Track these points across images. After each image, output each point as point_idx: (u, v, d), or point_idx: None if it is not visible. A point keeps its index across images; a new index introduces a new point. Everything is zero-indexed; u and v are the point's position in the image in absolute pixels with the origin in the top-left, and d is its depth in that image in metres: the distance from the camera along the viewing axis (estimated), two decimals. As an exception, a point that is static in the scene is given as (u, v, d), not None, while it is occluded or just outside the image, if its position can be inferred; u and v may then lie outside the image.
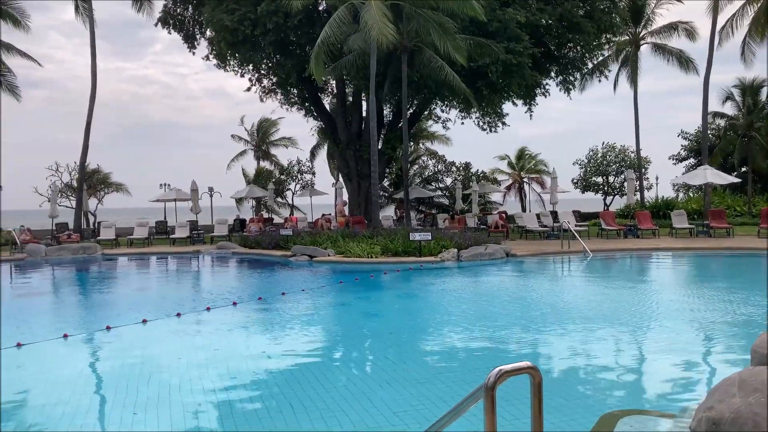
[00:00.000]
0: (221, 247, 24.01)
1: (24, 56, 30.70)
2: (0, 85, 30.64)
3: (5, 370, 7.73)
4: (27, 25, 29.75)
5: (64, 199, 35.64)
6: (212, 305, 11.91)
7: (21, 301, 14.53)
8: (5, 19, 29.24)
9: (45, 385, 7.18)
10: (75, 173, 34.88)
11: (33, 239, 25.63)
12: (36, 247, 23.17)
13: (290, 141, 49.42)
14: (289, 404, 6.07)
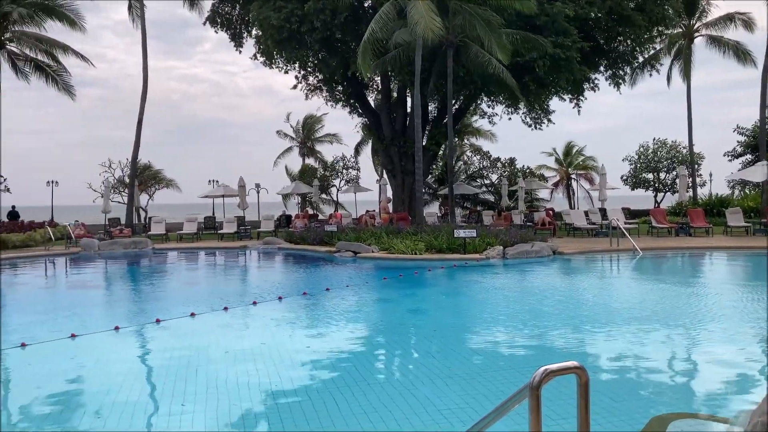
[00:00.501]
0: (267, 242, 24.35)
1: (78, 56, 31.68)
2: (56, 84, 31.73)
3: (61, 360, 8.00)
4: (83, 26, 30.71)
5: (117, 195, 36.80)
6: (258, 300, 12.07)
7: (75, 293, 15.01)
8: (62, 21, 30.23)
9: (97, 375, 7.39)
10: (127, 170, 35.92)
11: (87, 234, 26.46)
12: (90, 242, 23.91)
13: (335, 137, 49.77)
14: (332, 399, 6.10)
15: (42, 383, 6.99)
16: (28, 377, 7.40)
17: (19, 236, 25.23)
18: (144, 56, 30.82)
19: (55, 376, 7.28)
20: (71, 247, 24.14)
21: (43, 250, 23.68)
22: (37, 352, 8.31)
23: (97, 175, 36.14)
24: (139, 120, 30.83)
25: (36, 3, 29.90)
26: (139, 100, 30.66)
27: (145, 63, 30.80)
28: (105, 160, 37.41)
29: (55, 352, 8.30)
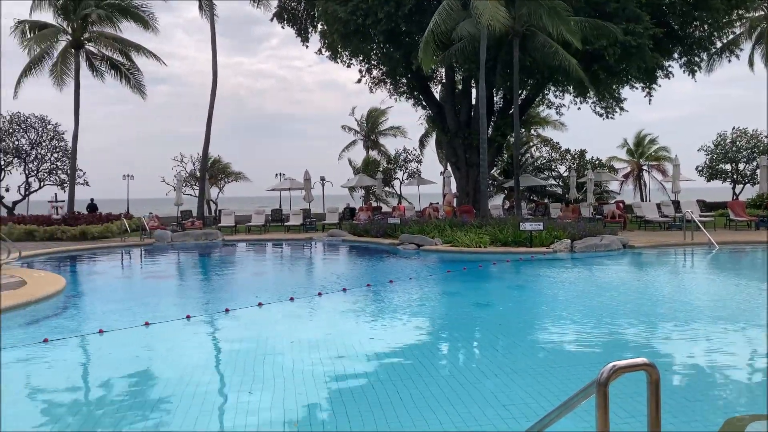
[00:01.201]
0: (332, 234, 24.65)
1: (151, 56, 32.85)
2: (129, 83, 33.01)
3: (135, 347, 8.34)
4: (155, 27, 31.83)
5: (188, 188, 37.99)
6: (323, 291, 12.23)
7: (149, 283, 15.61)
8: (137, 21, 31.43)
9: (169, 362, 7.65)
10: (198, 163, 37.04)
11: (160, 225, 27.46)
12: (163, 233, 24.80)
13: (398, 130, 49.79)
14: (396, 391, 6.12)
15: (117, 368, 7.30)
16: (105, 362, 7.75)
17: (98, 227, 26.43)
18: (213, 53, 31.66)
19: (129, 362, 7.59)
20: (145, 238, 25.12)
21: (120, 241, 24.74)
22: (113, 338, 8.69)
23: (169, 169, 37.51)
24: (209, 115, 31.72)
25: (113, 4, 31.20)
26: (209, 96, 31.55)
27: (214, 60, 31.65)
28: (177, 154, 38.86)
29: (130, 339, 8.65)
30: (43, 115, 35.89)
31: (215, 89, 31.68)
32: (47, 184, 36.37)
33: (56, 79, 32.12)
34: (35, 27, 31.29)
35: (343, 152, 50.50)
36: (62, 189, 35.48)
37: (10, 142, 34.91)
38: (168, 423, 5.40)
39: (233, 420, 5.50)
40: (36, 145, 35.61)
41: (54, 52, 32.18)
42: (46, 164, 36.02)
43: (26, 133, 35.37)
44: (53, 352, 7.96)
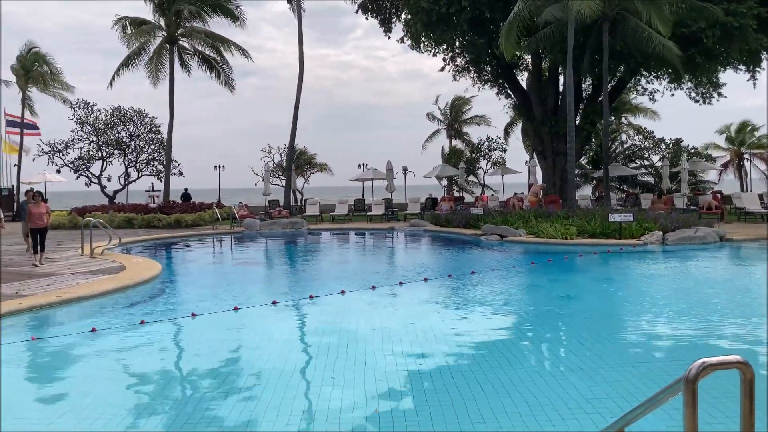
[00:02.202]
0: (413, 224, 24.70)
1: (239, 50, 33.90)
2: (219, 77, 34.22)
3: (224, 330, 8.69)
4: (243, 21, 32.81)
5: (276, 178, 39.00)
6: (404, 280, 12.30)
7: (238, 269, 16.19)
8: (226, 16, 32.52)
9: (256, 345, 7.93)
10: (285, 154, 37.97)
11: (249, 214, 28.42)
12: (252, 222, 25.65)
13: (482, 119, 49.11)
14: (477, 382, 6.09)
15: (208, 349, 7.65)
16: (196, 344, 8.12)
17: (191, 216, 27.67)
18: (300, 46, 32.32)
19: (219, 344, 7.93)
20: (235, 226, 26.06)
21: (211, 229, 25.79)
22: (204, 321, 9.09)
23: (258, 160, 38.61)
24: (296, 107, 32.44)
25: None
26: (295, 87, 32.26)
27: (301, 52, 32.30)
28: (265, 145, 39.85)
29: (219, 323, 9.02)
30: (141, 109, 37.82)
31: (301, 81, 32.34)
32: (145, 174, 38.33)
33: (152, 73, 33.74)
34: (134, 23, 33.02)
35: (427, 142, 50.37)
36: (158, 179, 37.30)
37: (111, 135, 36.98)
38: (254, 404, 5.60)
39: (316, 403, 5.64)
40: (135, 138, 37.56)
41: (150, 48, 33.82)
42: (144, 155, 37.93)
43: (126, 126, 37.35)
44: (149, 334, 8.42)
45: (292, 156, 35.05)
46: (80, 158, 36.75)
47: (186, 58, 34.51)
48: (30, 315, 9.22)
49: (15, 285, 11.34)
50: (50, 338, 8.08)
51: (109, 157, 37.39)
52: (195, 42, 33.91)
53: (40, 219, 14.68)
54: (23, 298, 9.97)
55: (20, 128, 35.96)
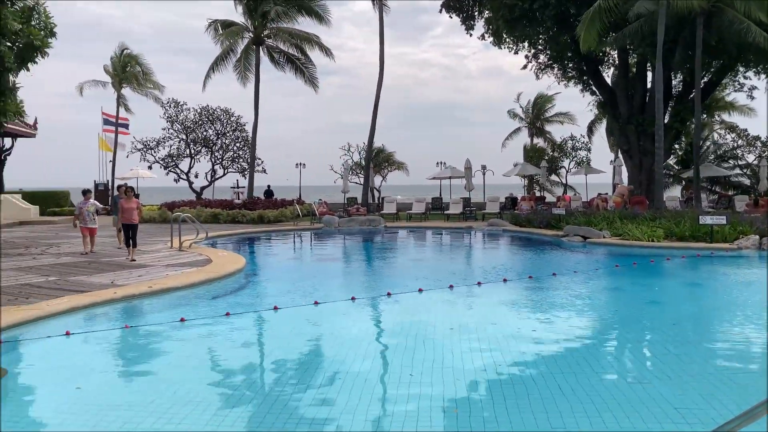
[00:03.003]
0: (492, 224, 24.39)
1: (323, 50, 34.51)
2: (303, 76, 34.93)
3: (306, 324, 8.86)
4: (328, 20, 33.37)
5: (354, 176, 39.45)
6: (483, 280, 12.16)
7: (318, 265, 16.48)
8: (311, 16, 33.18)
9: (335, 339, 8.04)
10: (363, 153, 38.34)
11: (329, 211, 28.90)
12: (331, 218, 26.06)
13: (566, 117, 47.97)
14: (557, 386, 5.94)
15: (289, 342, 7.83)
16: (278, 336, 8.32)
17: (273, 212, 28.40)
18: (381, 45, 32.55)
19: (299, 338, 8.10)
20: (315, 223, 26.56)
21: (292, 225, 26.38)
22: (286, 315, 9.31)
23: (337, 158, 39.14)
24: (375, 106, 32.71)
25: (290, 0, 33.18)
26: (375, 86, 32.52)
27: (381, 51, 32.53)
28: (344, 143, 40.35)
29: (300, 316, 9.21)
30: (228, 108, 39.11)
31: (381, 80, 32.59)
32: (230, 171, 39.61)
33: (239, 74, 34.90)
34: (224, 25, 34.28)
35: (507, 140, 49.67)
36: (243, 176, 38.49)
37: (199, 133, 38.46)
38: (332, 399, 5.68)
39: (394, 401, 5.66)
40: (221, 136, 38.88)
41: (238, 49, 34.99)
42: (230, 153, 39.20)
43: (213, 124, 38.74)
44: (233, 325, 8.71)
45: (371, 154, 35.37)
46: (170, 155, 38.40)
47: (273, 58, 35.45)
48: (124, 304, 9.71)
49: (110, 275, 11.99)
50: (142, 326, 8.49)
51: (197, 155, 38.87)
52: (280, 42, 34.80)
53: (131, 214, 15.01)
54: (118, 287, 10.52)
55: (115, 126, 37.98)
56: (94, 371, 6.75)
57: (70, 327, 8.07)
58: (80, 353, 7.41)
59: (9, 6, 15.33)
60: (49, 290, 10.31)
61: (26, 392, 6.18)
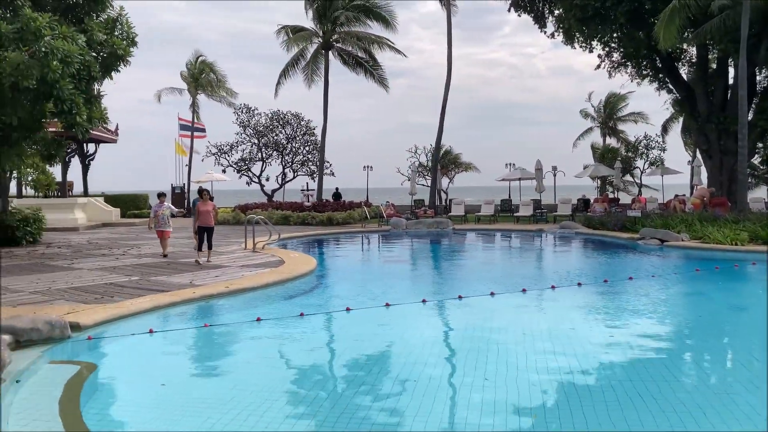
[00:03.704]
0: (564, 226, 23.86)
1: (393, 50, 34.72)
2: (373, 77, 35.21)
3: (377, 325, 8.91)
4: (394, 26, 33.57)
5: (421, 178, 39.43)
6: (556, 284, 11.91)
7: (387, 266, 16.55)
8: (378, 20, 33.42)
9: (407, 341, 8.05)
10: (430, 154, 38.27)
11: (396, 213, 28.99)
12: (398, 221, 26.13)
13: (639, 116, 46.49)
14: (637, 393, 5.75)
15: (361, 343, 7.89)
16: (351, 337, 8.41)
17: (342, 214, 28.73)
18: (449, 46, 32.44)
19: (371, 339, 8.15)
20: (383, 225, 26.69)
21: (360, 227, 26.60)
22: (358, 316, 9.39)
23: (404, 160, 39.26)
24: (443, 107, 32.61)
25: (359, 5, 33.56)
26: (443, 87, 32.42)
27: (449, 52, 32.41)
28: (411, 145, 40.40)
29: (372, 318, 9.28)
30: (298, 112, 39.86)
31: (449, 81, 32.44)
32: (299, 174, 40.37)
33: (307, 78, 35.52)
34: (295, 30, 35.00)
35: (578, 140, 48.59)
36: (312, 179, 39.14)
37: (270, 137, 39.35)
38: (404, 402, 5.68)
39: (469, 404, 5.61)
40: (291, 140, 39.68)
41: (307, 54, 35.63)
42: (299, 156, 39.95)
43: (283, 129, 39.57)
44: (308, 325, 8.86)
45: (438, 156, 35.25)
46: (243, 159, 39.47)
47: (340, 61, 35.93)
48: (202, 303, 10.03)
49: (188, 275, 12.42)
50: (220, 325, 8.75)
51: (268, 158, 39.80)
52: (348, 46, 35.22)
53: (207, 217, 14.87)
54: (196, 287, 10.89)
55: (191, 131, 39.32)
56: (177, 369, 7.02)
57: (153, 325, 8.42)
58: (163, 351, 7.71)
59: (94, 18, 16.14)
60: (132, 289, 10.77)
61: (114, 388, 6.47)
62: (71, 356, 7.08)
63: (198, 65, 39.93)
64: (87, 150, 31.73)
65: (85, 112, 15.31)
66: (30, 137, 16.78)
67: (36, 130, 16.62)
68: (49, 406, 5.51)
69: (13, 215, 19.78)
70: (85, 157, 31.68)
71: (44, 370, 6.58)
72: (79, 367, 6.70)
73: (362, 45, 34.88)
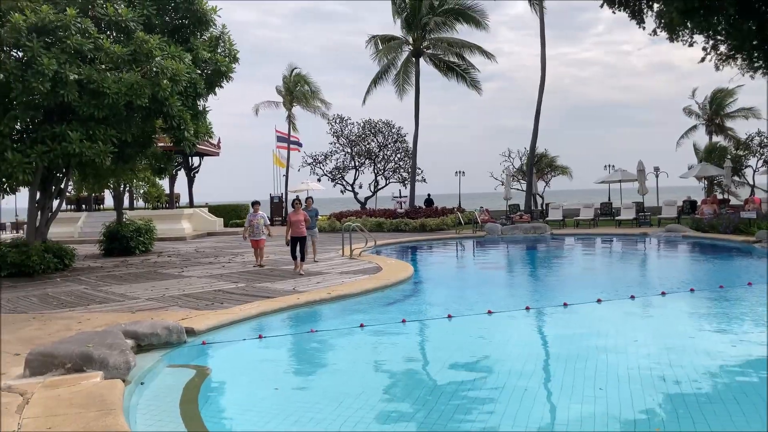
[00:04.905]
0: (670, 229, 22.70)
1: (483, 54, 34.38)
2: (465, 81, 35.01)
3: (481, 333, 8.78)
4: (486, 25, 33.23)
5: (516, 182, 38.76)
6: (667, 290, 11.33)
7: (485, 273, 16.33)
8: (469, 23, 33.23)
9: (511, 350, 7.87)
10: (524, 158, 37.55)
11: (490, 219, 28.58)
12: (493, 226, 25.75)
13: (750, 111, 43.55)
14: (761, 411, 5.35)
15: (465, 351, 7.80)
16: (454, 344, 8.32)
17: (435, 220, 28.66)
18: (542, 47, 31.72)
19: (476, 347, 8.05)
20: (477, 230, 26.38)
21: (454, 233, 26.43)
22: (460, 323, 9.30)
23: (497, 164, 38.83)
24: (537, 110, 31.91)
25: (448, 10, 33.52)
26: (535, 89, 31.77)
27: (543, 53, 31.70)
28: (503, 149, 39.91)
29: (474, 325, 9.15)
30: (389, 120, 40.24)
31: (543, 83, 31.72)
32: (391, 181, 40.69)
33: (398, 86, 35.79)
34: (385, 40, 35.41)
35: (681, 139, 46.17)
36: (404, 185, 39.34)
37: (363, 146, 39.92)
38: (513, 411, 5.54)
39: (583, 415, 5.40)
40: (383, 147, 40.08)
41: (398, 62, 35.93)
42: (391, 164, 40.28)
43: (375, 137, 40.05)
44: (410, 332, 8.86)
45: (533, 159, 34.51)
46: (337, 168, 40.26)
47: (432, 66, 35.98)
48: (306, 309, 10.26)
49: (291, 282, 12.75)
50: (326, 331, 8.90)
51: (361, 167, 40.39)
52: (439, 51, 35.22)
53: (299, 227, 14.61)
54: (300, 294, 11.15)
55: (287, 143, 40.54)
56: (287, 373, 7.20)
57: (262, 330, 8.69)
58: (273, 355, 7.94)
59: (199, 37, 16.96)
60: (240, 296, 11.17)
61: (229, 391, 6.71)
62: (188, 360, 7.41)
63: (293, 78, 41.17)
64: (192, 163, 33.35)
65: (192, 127, 16.12)
66: (142, 152, 17.81)
67: (147, 146, 17.63)
68: (171, 407, 5.78)
69: (127, 226, 21.07)
70: (190, 169, 33.31)
71: (164, 373, 6.91)
72: (195, 371, 7.00)
73: (453, 50, 34.77)
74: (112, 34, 15.14)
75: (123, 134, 15.22)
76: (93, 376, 6.07)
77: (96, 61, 14.20)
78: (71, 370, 6.23)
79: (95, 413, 5.01)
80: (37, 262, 15.33)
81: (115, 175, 18.41)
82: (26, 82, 13.30)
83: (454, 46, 34.62)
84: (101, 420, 4.86)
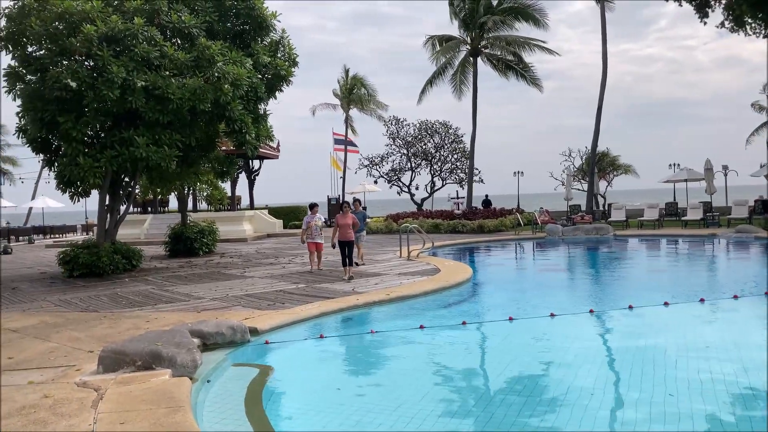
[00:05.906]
0: (741, 230, 21.78)
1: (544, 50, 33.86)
2: (525, 79, 34.55)
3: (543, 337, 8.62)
4: (545, 24, 32.71)
5: (576, 182, 37.97)
6: (739, 293, 10.86)
7: (547, 275, 16.03)
8: (528, 21, 32.78)
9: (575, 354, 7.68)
10: (586, 157, 36.75)
11: (551, 220, 28.07)
12: (554, 227, 25.27)
13: (828, 106, 41.38)
14: None
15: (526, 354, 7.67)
16: (516, 347, 8.19)
17: (493, 222, 28.37)
18: (603, 43, 31.03)
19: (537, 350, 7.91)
20: (537, 232, 25.96)
21: (513, 235, 26.08)
22: (521, 326, 9.15)
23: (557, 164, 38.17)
24: (599, 108, 31.20)
25: (507, 9, 33.16)
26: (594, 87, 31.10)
27: (604, 51, 31.02)
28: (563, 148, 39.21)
29: (536, 328, 8.99)
30: (446, 121, 40.06)
31: (605, 81, 31.02)
32: (448, 182, 40.50)
33: (455, 86, 35.62)
34: (442, 40, 35.32)
35: (752, 136, 44.30)
36: (461, 186, 39.08)
37: (419, 147, 39.88)
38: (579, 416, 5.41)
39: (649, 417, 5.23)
40: (439, 148, 39.93)
41: (455, 62, 35.75)
42: (448, 165, 40.09)
43: (432, 138, 39.94)
44: (470, 334, 8.78)
45: (595, 159, 33.73)
46: (393, 170, 40.35)
47: (490, 66, 35.67)
48: (365, 310, 10.30)
49: (350, 283, 12.83)
50: (386, 332, 8.92)
51: (417, 168, 40.36)
52: (497, 50, 34.88)
53: (347, 230, 14.21)
54: (359, 294, 11.22)
55: (344, 146, 40.89)
56: (348, 373, 7.26)
57: (323, 330, 8.77)
58: (334, 355, 8.01)
59: (259, 42, 17.30)
60: (300, 296, 11.32)
61: (293, 390, 6.78)
62: (251, 359, 7.54)
63: (349, 81, 41.51)
64: (252, 166, 34.04)
65: (254, 131, 16.45)
66: (205, 156, 18.28)
67: (210, 150, 18.09)
68: (236, 405, 5.89)
69: (191, 228, 21.68)
70: (251, 172, 34.00)
71: (229, 372, 7.06)
72: (259, 370, 7.12)
73: (511, 48, 34.36)
74: (176, 41, 15.61)
75: (187, 138, 15.67)
76: (162, 374, 6.26)
77: (161, 68, 14.67)
78: (141, 368, 6.44)
79: (165, 410, 5.16)
80: (107, 263, 15.93)
81: (180, 178, 18.94)
82: (97, 89, 13.86)
83: (513, 45, 34.20)
84: (171, 416, 5.00)
